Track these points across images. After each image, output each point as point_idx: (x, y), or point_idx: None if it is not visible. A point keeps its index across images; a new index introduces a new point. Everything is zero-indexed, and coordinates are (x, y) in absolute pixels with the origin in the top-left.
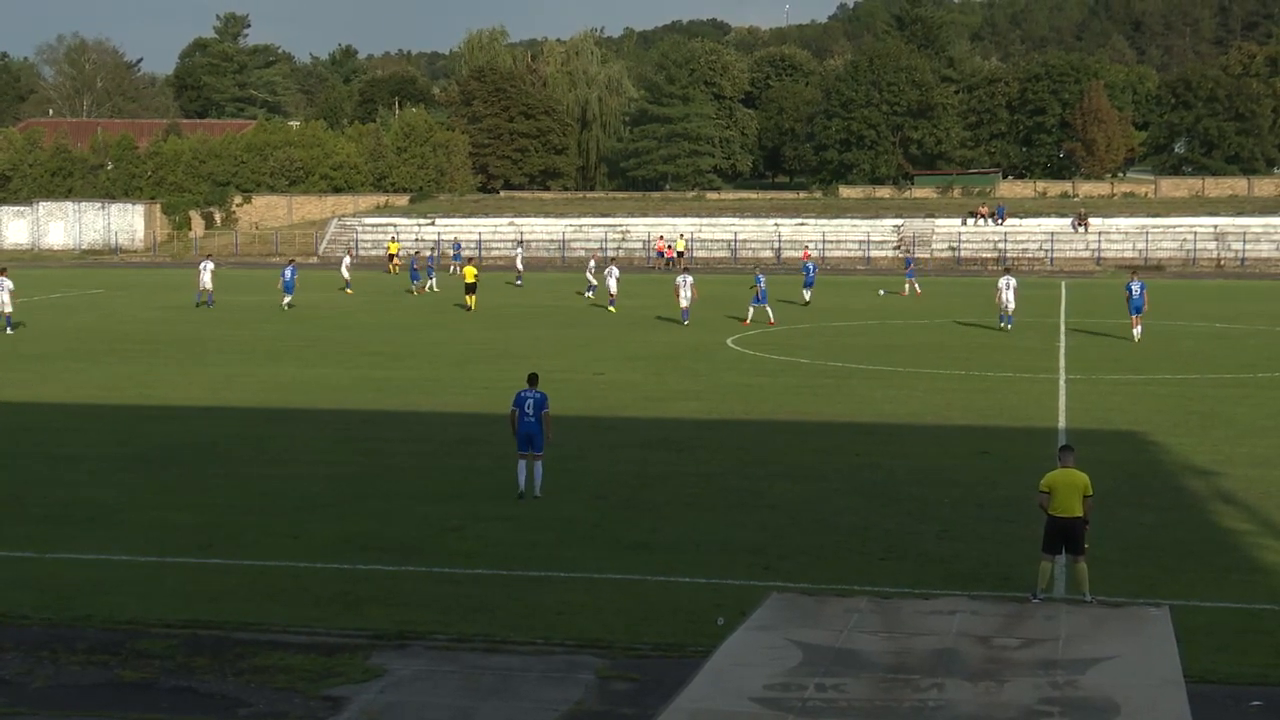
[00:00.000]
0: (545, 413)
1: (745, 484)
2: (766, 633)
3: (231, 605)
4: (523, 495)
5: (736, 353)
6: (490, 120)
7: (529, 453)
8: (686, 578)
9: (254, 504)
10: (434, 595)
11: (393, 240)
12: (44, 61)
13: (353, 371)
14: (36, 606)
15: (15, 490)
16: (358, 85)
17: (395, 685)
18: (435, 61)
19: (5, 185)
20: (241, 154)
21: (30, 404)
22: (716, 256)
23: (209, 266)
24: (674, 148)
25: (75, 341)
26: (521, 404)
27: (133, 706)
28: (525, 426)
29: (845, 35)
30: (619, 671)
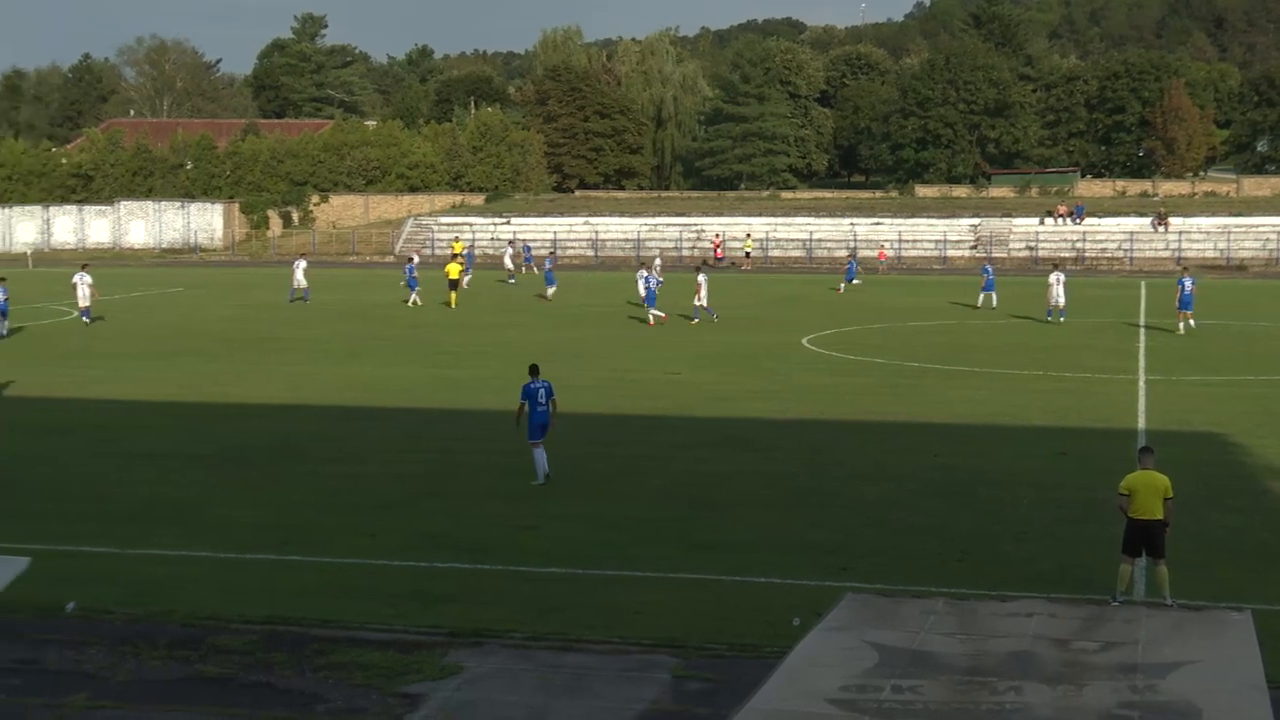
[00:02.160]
0: (553, 399)
1: (820, 484)
2: (842, 634)
3: (309, 602)
4: (549, 477)
5: (812, 352)
6: (565, 119)
7: (542, 440)
8: (762, 578)
9: (330, 502)
10: (509, 593)
11: (456, 240)
12: (125, 63)
13: (426, 370)
14: (119, 602)
15: (98, 488)
16: (434, 85)
17: (471, 683)
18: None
19: (88, 185)
20: (319, 154)
21: (110, 401)
22: (791, 256)
23: (301, 265)
24: (749, 147)
25: (154, 340)
26: (534, 395)
27: (212, 701)
28: (540, 416)
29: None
30: (694, 671)
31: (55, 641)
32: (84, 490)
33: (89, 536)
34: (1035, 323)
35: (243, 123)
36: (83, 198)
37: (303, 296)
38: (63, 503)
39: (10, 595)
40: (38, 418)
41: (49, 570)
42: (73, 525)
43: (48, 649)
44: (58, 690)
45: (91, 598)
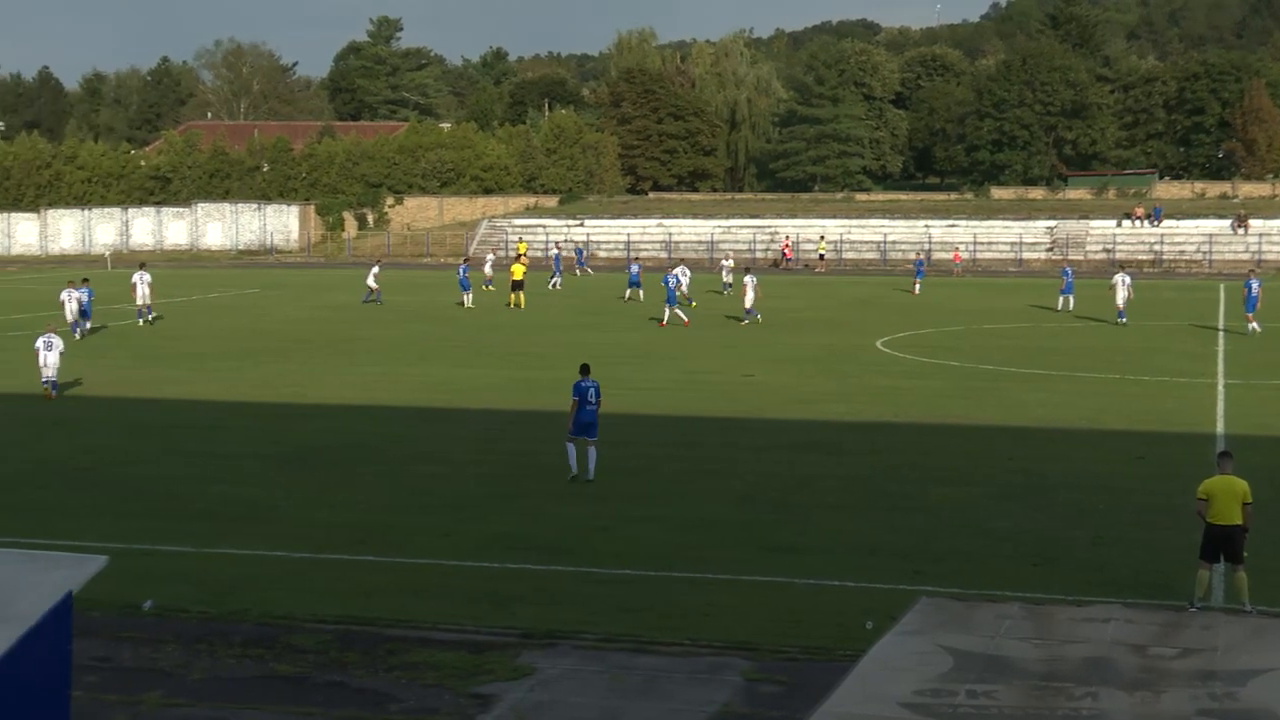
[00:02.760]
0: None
1: (894, 487)
2: (916, 638)
3: (382, 602)
4: (575, 477)
5: (886, 355)
6: (639, 121)
7: (583, 438)
8: (835, 581)
9: (404, 502)
10: (582, 595)
11: (520, 241)
12: (203, 66)
13: (501, 372)
14: (195, 600)
15: (175, 487)
16: (508, 87)
17: (544, 684)
18: (585, 63)
19: (165, 187)
20: (394, 156)
21: (189, 401)
22: (866, 258)
23: (374, 269)
24: (823, 149)
25: (231, 340)
26: (584, 393)
27: (286, 700)
28: (587, 415)
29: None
30: (766, 674)
31: (132, 639)
32: (162, 489)
33: (166, 535)
34: (1109, 325)
35: (319, 125)
36: (161, 200)
37: (375, 298)
38: (141, 501)
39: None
40: (116, 417)
41: (126, 569)
42: (150, 524)
43: (124, 647)
44: (133, 687)
45: (168, 596)
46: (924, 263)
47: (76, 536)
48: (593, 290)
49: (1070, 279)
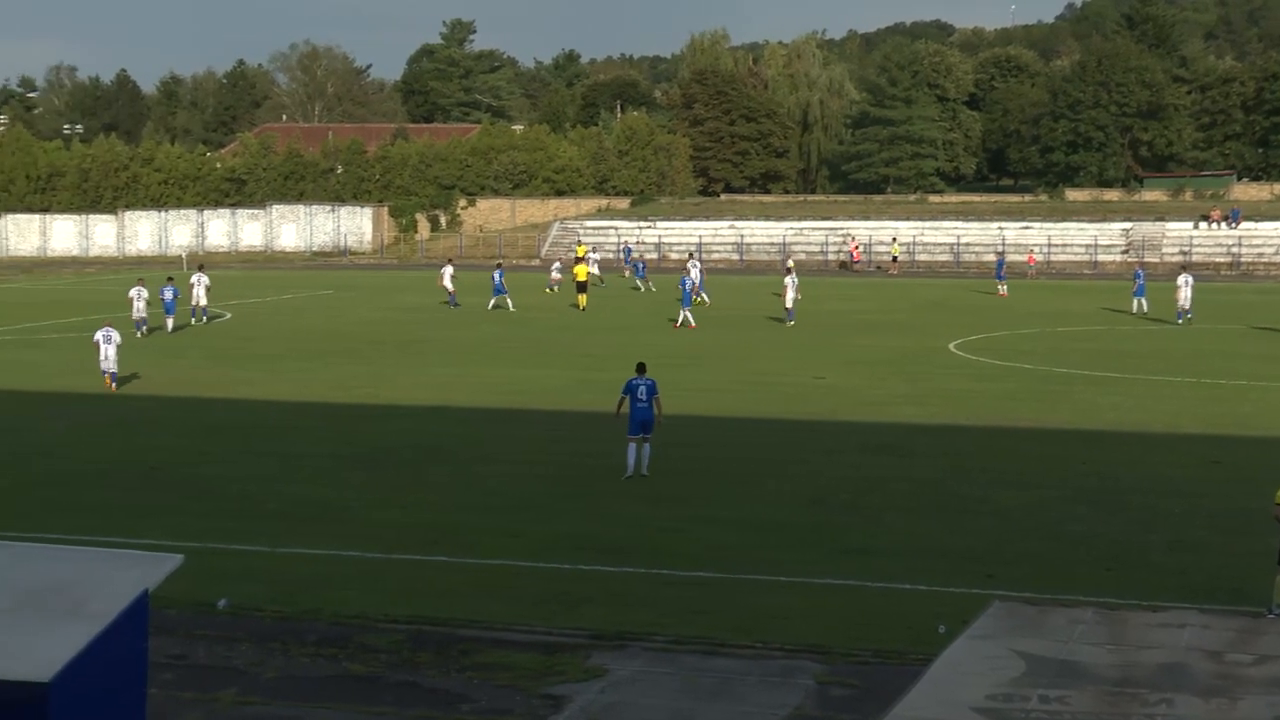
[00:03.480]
0: (656, 397)
1: (966, 490)
2: (988, 642)
3: (454, 602)
4: (631, 476)
5: (958, 357)
6: (711, 123)
7: (640, 436)
8: (907, 584)
9: (474, 503)
10: (652, 596)
11: (579, 244)
12: (278, 69)
13: (570, 373)
14: (269, 599)
15: (249, 487)
16: (580, 89)
17: (615, 685)
18: (657, 65)
19: (241, 189)
20: (466, 157)
21: (262, 402)
22: (939, 260)
23: (449, 270)
24: (896, 150)
25: (304, 341)
26: (634, 391)
27: (359, 700)
28: (639, 412)
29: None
30: (838, 677)
31: (206, 638)
32: (235, 489)
33: (240, 535)
34: (1176, 328)
35: (392, 127)
36: (236, 201)
37: (449, 300)
38: (216, 501)
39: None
40: (191, 417)
41: (202, 567)
42: (224, 523)
43: (199, 645)
44: (208, 685)
45: (242, 595)
46: (1003, 263)
47: (151, 535)
48: (661, 291)
49: (1141, 281)
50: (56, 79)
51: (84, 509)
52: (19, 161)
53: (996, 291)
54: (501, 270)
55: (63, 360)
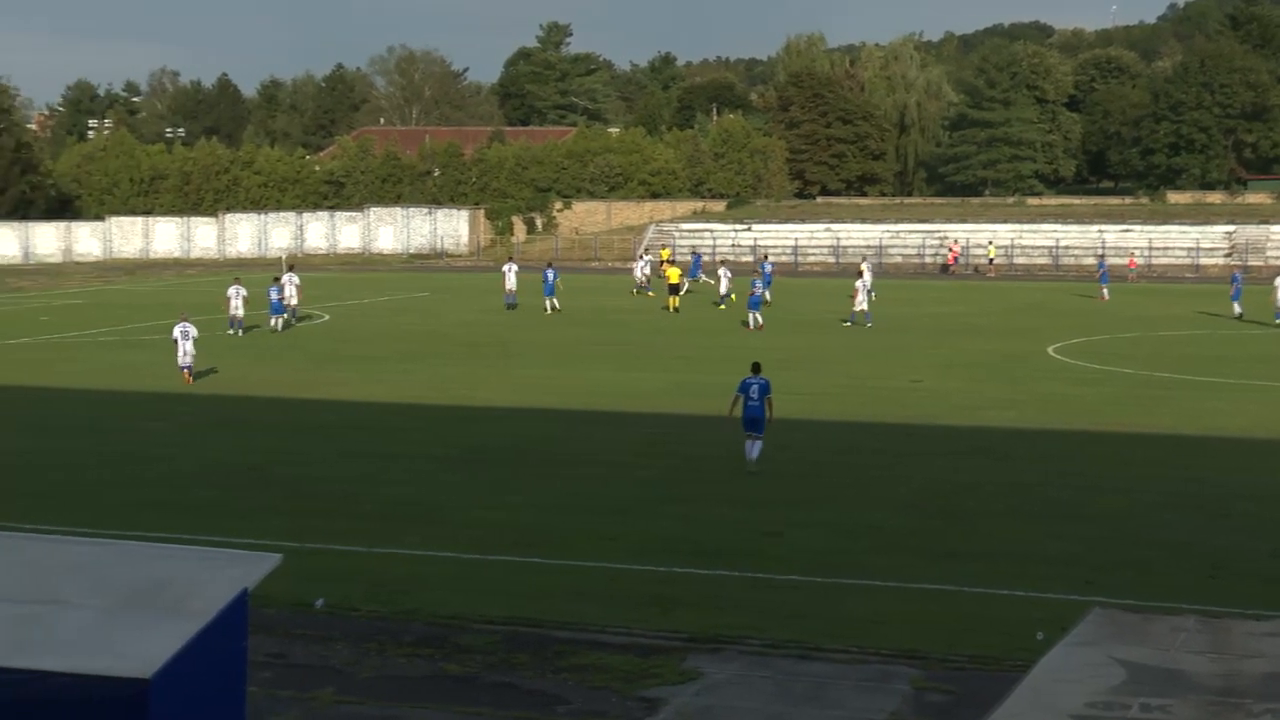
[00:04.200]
0: (768, 397)
1: (1065, 495)
2: (1088, 649)
3: (550, 604)
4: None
5: (1057, 361)
6: (808, 125)
7: (749, 434)
8: (1004, 589)
9: (570, 504)
10: (748, 600)
11: (664, 247)
12: (376, 72)
13: (666, 375)
14: (365, 599)
15: (347, 487)
16: (676, 92)
17: (710, 688)
18: (753, 68)
19: (339, 191)
20: (562, 160)
21: (361, 403)
22: (1037, 263)
23: (514, 269)
24: (994, 152)
25: (401, 343)
26: (746, 389)
27: (455, 700)
28: (750, 410)
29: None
30: (934, 683)
31: (304, 637)
32: (334, 489)
33: (337, 535)
34: (1277, 332)
35: (488, 130)
36: (334, 204)
37: (509, 301)
38: (314, 500)
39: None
40: (289, 418)
41: (299, 567)
42: (323, 523)
43: (297, 644)
44: (306, 684)
45: (339, 595)
46: (1104, 266)
47: (250, 535)
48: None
49: (1239, 284)
50: (159, 83)
51: (185, 508)
52: (122, 164)
53: (1098, 295)
54: (555, 270)
55: (164, 360)
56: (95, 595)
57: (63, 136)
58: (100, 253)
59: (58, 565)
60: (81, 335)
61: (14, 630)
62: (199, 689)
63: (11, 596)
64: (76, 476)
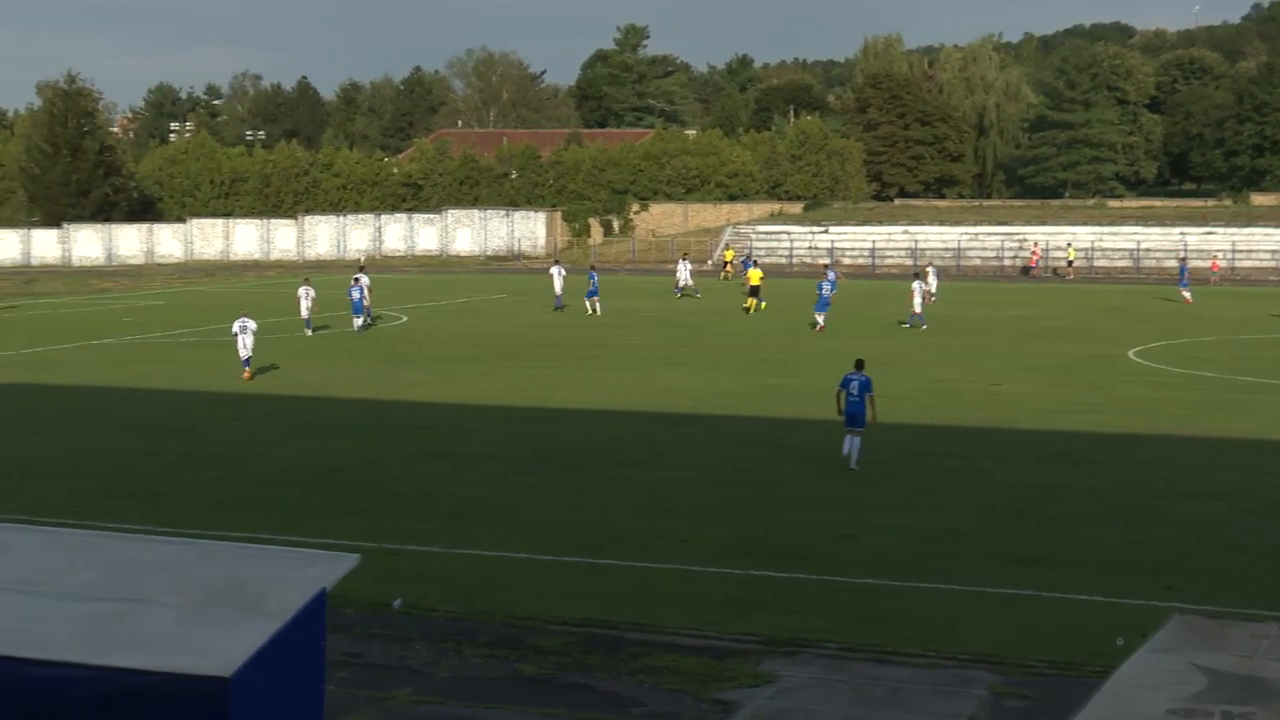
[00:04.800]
0: (869, 395)
1: (1146, 500)
2: (1168, 655)
3: (625, 606)
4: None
5: (1139, 365)
6: (885, 128)
7: (850, 429)
8: (1083, 595)
9: (646, 506)
10: (824, 603)
11: (727, 248)
12: (454, 75)
13: (744, 378)
14: (442, 600)
15: (424, 487)
16: (753, 94)
17: (786, 692)
18: (831, 69)
19: (417, 194)
20: (639, 162)
21: (438, 404)
22: (1117, 266)
23: (561, 272)
24: (1074, 154)
25: (478, 345)
26: (848, 385)
27: (531, 701)
28: (850, 406)
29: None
30: (1012, 688)
31: (381, 637)
32: (411, 490)
33: (415, 535)
34: None
35: (566, 132)
36: (412, 206)
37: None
38: (392, 501)
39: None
40: (366, 418)
41: (377, 567)
42: (400, 523)
43: (374, 644)
44: (383, 684)
45: (416, 595)
46: (1186, 269)
47: (329, 535)
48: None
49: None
50: (240, 86)
51: (264, 507)
52: (203, 167)
53: (1180, 298)
54: (595, 273)
55: None
56: (177, 594)
57: (145, 139)
58: (181, 254)
59: (141, 563)
60: (164, 336)
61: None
62: (278, 688)
63: (95, 595)
64: (160, 475)
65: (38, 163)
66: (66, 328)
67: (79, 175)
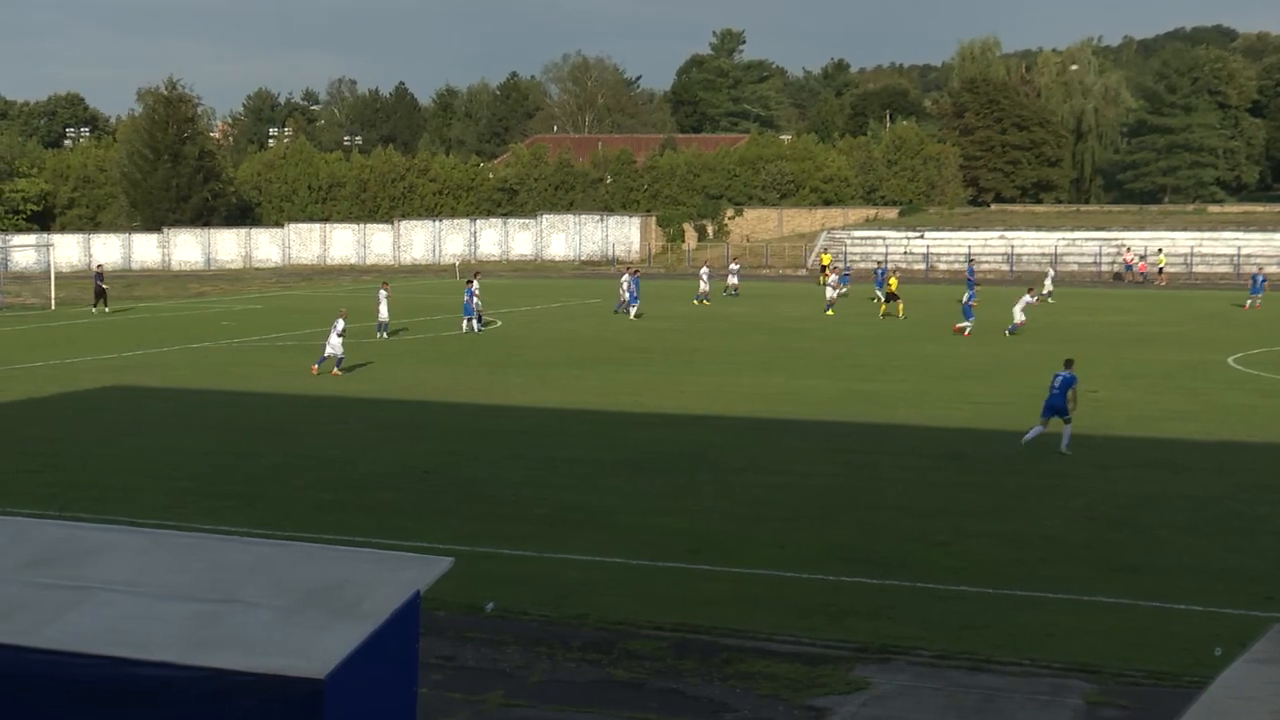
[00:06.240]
0: (1071, 390)
1: (1246, 509)
2: (1268, 666)
3: (718, 611)
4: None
5: (1239, 372)
6: (982, 132)
7: (1047, 418)
8: (1181, 604)
9: (741, 511)
10: (918, 610)
11: (824, 252)
12: (550, 80)
13: (839, 383)
14: (535, 603)
15: (518, 491)
16: (849, 98)
17: (878, 699)
18: (927, 74)
19: (512, 199)
20: (734, 167)
21: (532, 408)
22: (1218, 272)
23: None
24: (1174, 159)
25: (573, 349)
26: (1053, 380)
27: (624, 705)
28: (1051, 399)
29: None
30: (1108, 698)
31: (474, 640)
32: (505, 493)
33: (509, 539)
34: None
35: (661, 137)
36: (507, 211)
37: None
38: (486, 504)
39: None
40: (462, 422)
41: (471, 570)
42: (492, 527)
43: (467, 647)
44: (476, 687)
45: (508, 598)
46: (1263, 278)
47: (422, 538)
48: (935, 303)
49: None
50: (337, 92)
51: (360, 510)
52: (301, 172)
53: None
54: (636, 277)
55: (347, 363)
56: (273, 595)
57: (244, 145)
58: (279, 259)
59: (237, 565)
60: (262, 340)
61: (194, 628)
62: (372, 689)
63: (193, 595)
64: (258, 477)
65: (139, 168)
66: (166, 331)
67: (179, 180)
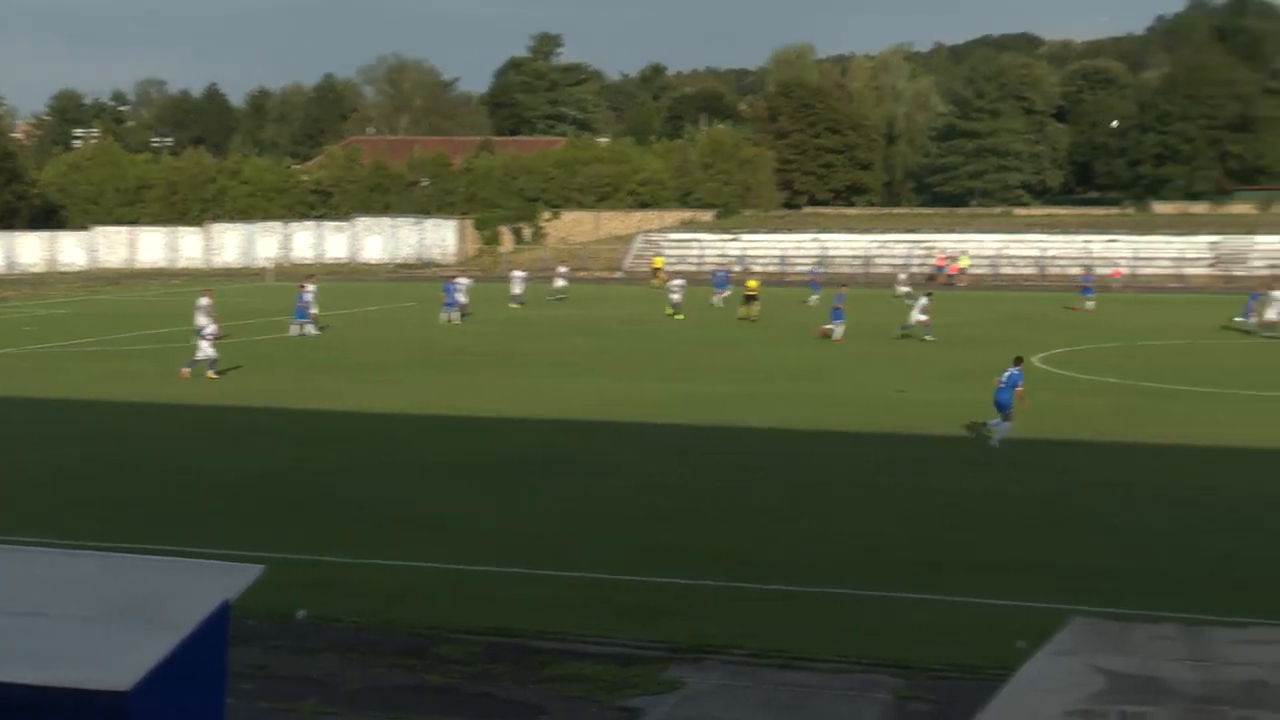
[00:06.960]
0: (1016, 388)
1: (1057, 505)
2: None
3: (533, 614)
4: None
5: (1043, 371)
6: (796, 136)
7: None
8: (987, 599)
9: (559, 513)
10: (732, 610)
11: (657, 256)
12: (365, 81)
13: (664, 385)
14: (349, 610)
15: (336, 496)
16: (666, 102)
17: (691, 698)
18: (743, 78)
19: (326, 201)
20: (551, 170)
21: (353, 413)
22: (1024, 274)
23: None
24: (982, 163)
25: (395, 353)
26: (1000, 377)
27: (437, 711)
28: (997, 394)
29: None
30: (916, 692)
31: (287, 648)
32: (322, 499)
33: (328, 545)
34: (1267, 342)
35: (477, 140)
36: (321, 214)
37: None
38: (301, 511)
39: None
40: (283, 427)
41: (283, 577)
42: (315, 533)
43: (280, 655)
44: (288, 695)
45: (323, 605)
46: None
47: (234, 545)
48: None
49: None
50: (146, 93)
51: (169, 519)
52: (108, 174)
53: (1081, 306)
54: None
55: (156, 370)
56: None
57: (48, 146)
58: (85, 263)
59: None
60: (67, 345)
61: None
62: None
63: None
64: (66, 487)
65: None
66: None
67: None
